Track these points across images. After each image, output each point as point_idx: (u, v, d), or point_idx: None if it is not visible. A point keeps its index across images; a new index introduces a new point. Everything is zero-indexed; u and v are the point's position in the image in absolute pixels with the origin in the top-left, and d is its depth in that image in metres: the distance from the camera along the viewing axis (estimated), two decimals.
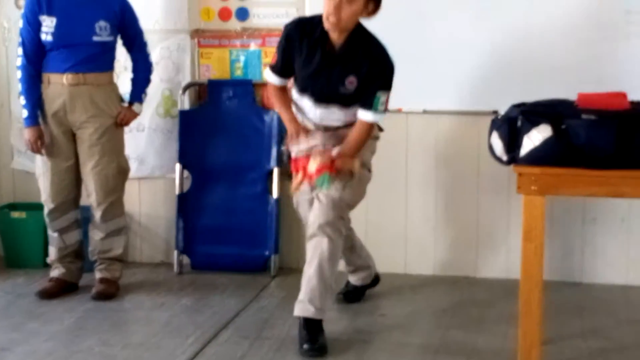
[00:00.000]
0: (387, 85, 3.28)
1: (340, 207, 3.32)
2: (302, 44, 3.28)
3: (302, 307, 3.32)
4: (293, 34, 3.31)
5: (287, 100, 3.47)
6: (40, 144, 3.82)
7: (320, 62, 3.25)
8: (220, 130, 4.37)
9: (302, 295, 3.33)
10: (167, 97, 4.44)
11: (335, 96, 3.30)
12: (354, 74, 3.24)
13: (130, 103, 4.00)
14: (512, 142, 3.06)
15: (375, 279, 3.93)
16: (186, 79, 4.40)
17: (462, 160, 4.16)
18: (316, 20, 3.25)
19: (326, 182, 3.19)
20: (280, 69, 3.40)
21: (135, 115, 4.00)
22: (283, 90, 3.47)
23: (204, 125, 4.36)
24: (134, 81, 4.03)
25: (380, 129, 3.53)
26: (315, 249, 3.32)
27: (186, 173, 4.38)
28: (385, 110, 3.31)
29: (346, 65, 3.24)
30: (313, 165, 3.21)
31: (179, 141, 4.37)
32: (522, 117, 3.02)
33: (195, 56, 4.40)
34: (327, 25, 3.18)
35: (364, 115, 3.28)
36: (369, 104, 3.25)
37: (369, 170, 3.49)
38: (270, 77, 3.44)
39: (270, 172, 4.31)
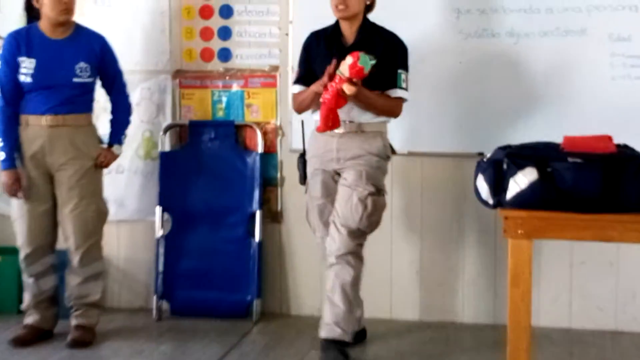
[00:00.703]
0: (404, 65, 3.55)
1: (358, 236, 3.50)
2: (319, 47, 3.57)
3: (329, 329, 3.45)
4: (309, 43, 3.64)
5: None
6: (17, 187, 3.75)
7: (338, 54, 3.37)
8: (202, 172, 4.31)
9: (327, 318, 3.47)
10: (148, 139, 4.38)
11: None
12: None
13: (110, 145, 3.94)
14: (498, 185, 3.03)
15: (362, 333, 3.84)
16: (167, 120, 4.36)
17: (448, 202, 4.12)
18: (326, 27, 3.60)
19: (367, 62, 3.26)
20: (304, 78, 3.61)
21: (115, 157, 3.95)
22: None
23: (185, 167, 4.31)
24: (114, 122, 3.98)
25: (393, 151, 3.65)
26: (337, 277, 3.48)
27: (166, 216, 4.31)
28: (407, 89, 3.54)
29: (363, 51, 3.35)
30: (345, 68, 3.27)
31: (159, 183, 4.30)
32: (507, 160, 2.99)
33: (177, 97, 4.36)
34: (337, 14, 3.50)
35: (391, 92, 3.52)
36: (392, 83, 3.51)
37: (384, 194, 3.57)
38: (296, 89, 3.66)
39: (253, 215, 4.24)
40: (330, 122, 3.36)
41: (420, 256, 4.18)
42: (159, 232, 4.29)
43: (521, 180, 2.93)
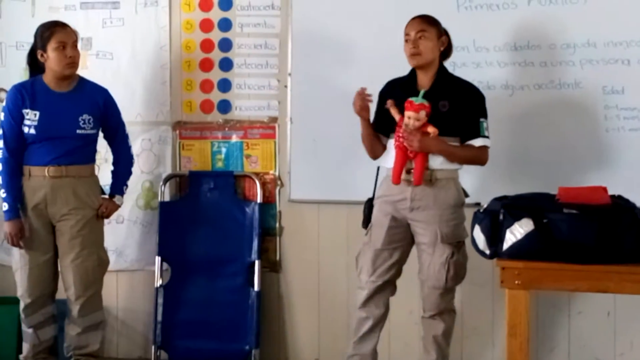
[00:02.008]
0: (484, 113, 3.54)
1: (448, 293, 3.59)
2: (393, 95, 3.55)
3: None
4: (385, 90, 3.65)
5: None
6: (20, 237, 3.77)
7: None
8: (201, 222, 4.33)
9: None
10: (148, 189, 4.41)
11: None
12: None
13: (112, 195, 3.97)
14: (495, 236, 3.05)
15: None
16: (167, 170, 4.40)
17: None
18: (403, 76, 3.62)
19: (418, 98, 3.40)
20: (376, 126, 3.63)
21: (116, 207, 3.98)
22: None
23: (185, 217, 4.33)
24: (115, 173, 4.02)
25: (466, 195, 3.64)
26: (430, 328, 3.63)
27: (165, 265, 4.32)
28: (489, 136, 3.55)
29: (435, 100, 3.45)
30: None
31: (158, 233, 4.32)
32: (504, 210, 3.02)
33: (177, 148, 4.41)
34: (411, 62, 3.53)
35: (475, 142, 3.51)
36: (475, 132, 3.50)
37: (464, 244, 3.57)
38: None
39: (251, 265, 4.25)
40: (399, 174, 3.47)
41: (419, 306, 4.17)
42: (158, 282, 4.29)
43: (517, 231, 2.96)
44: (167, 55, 4.38)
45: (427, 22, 3.54)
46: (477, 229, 3.12)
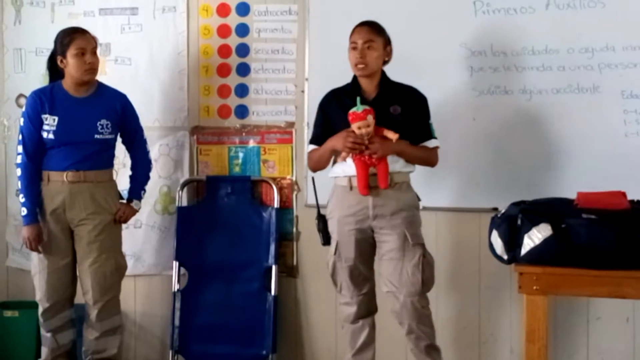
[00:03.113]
0: (430, 115, 3.62)
1: (422, 299, 3.55)
2: (339, 104, 3.58)
3: None
4: (327, 101, 3.68)
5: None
6: (38, 241, 3.79)
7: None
8: (218, 227, 4.34)
9: None
10: (165, 194, 4.43)
11: None
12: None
13: (129, 200, 3.99)
14: (513, 241, 3.04)
15: None
16: (185, 175, 4.41)
17: (463, 258, 4.11)
18: (345, 85, 3.65)
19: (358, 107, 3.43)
20: (319, 137, 3.65)
21: (134, 212, 3.99)
22: None
23: (202, 221, 4.34)
24: (133, 178, 4.03)
25: (419, 198, 3.67)
26: (417, 342, 3.58)
27: (183, 270, 4.33)
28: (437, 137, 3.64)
29: (384, 106, 3.51)
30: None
31: (176, 238, 4.33)
32: (521, 216, 3.01)
33: (194, 153, 4.42)
34: (357, 72, 3.56)
35: (428, 143, 3.59)
36: (427, 134, 3.59)
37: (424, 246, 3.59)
38: (311, 148, 3.71)
39: (269, 270, 4.26)
40: (367, 184, 3.46)
41: (435, 312, 4.16)
42: (176, 287, 4.30)
43: (535, 236, 2.95)
44: (185, 61, 4.40)
45: (375, 32, 3.56)
46: (494, 234, 3.11)
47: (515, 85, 3.96)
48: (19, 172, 3.80)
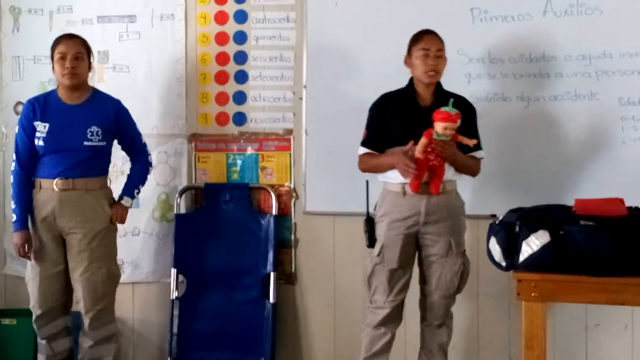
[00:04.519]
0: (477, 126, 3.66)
1: (453, 300, 3.68)
2: (395, 109, 3.59)
3: None
4: (381, 105, 3.65)
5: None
6: (27, 248, 3.77)
7: (417, 115, 3.52)
8: (217, 234, 4.33)
9: None
10: (164, 201, 4.43)
11: None
12: None
13: (120, 198, 3.94)
14: (511, 248, 3.05)
15: None
16: (183, 182, 4.41)
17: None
18: (399, 89, 3.64)
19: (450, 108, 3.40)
20: (374, 140, 3.63)
21: (126, 209, 3.93)
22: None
23: (200, 229, 4.34)
24: (129, 177, 4.01)
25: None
26: (434, 339, 3.69)
27: (181, 277, 4.33)
28: None
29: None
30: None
31: (174, 245, 4.33)
32: (519, 222, 3.02)
33: (192, 160, 4.42)
34: (427, 79, 3.53)
35: (476, 154, 3.62)
36: (478, 145, 3.56)
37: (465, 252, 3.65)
38: (363, 150, 3.67)
39: (267, 277, 4.25)
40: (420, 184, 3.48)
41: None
42: (174, 294, 4.30)
43: (533, 243, 2.95)
44: (183, 68, 4.40)
45: (442, 40, 3.59)
46: (492, 240, 3.12)
47: (512, 93, 3.97)
48: (12, 179, 3.82)
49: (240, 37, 4.37)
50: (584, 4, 3.89)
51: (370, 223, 3.68)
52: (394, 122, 3.59)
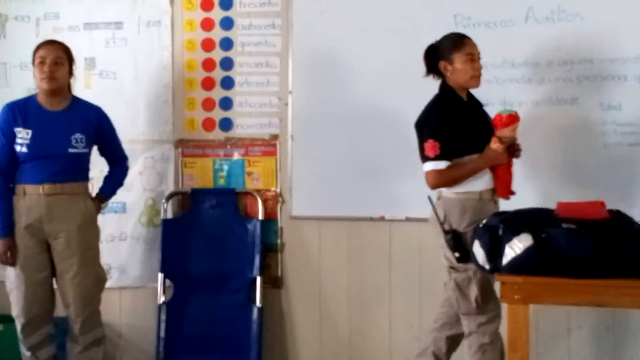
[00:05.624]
0: None
1: (466, 318, 3.51)
2: (459, 115, 3.45)
3: None
4: (453, 113, 3.45)
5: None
6: (10, 255, 3.75)
7: (481, 117, 3.53)
8: (203, 239, 4.36)
9: None
10: (150, 206, 4.45)
11: None
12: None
13: (100, 200, 3.95)
14: (494, 251, 3.07)
15: None
16: (169, 188, 4.43)
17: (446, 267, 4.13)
18: (450, 93, 3.52)
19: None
20: (448, 151, 3.40)
21: (99, 211, 3.94)
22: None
23: (187, 234, 4.36)
24: (109, 180, 4.01)
25: None
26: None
27: (168, 282, 4.34)
28: None
29: (481, 113, 3.56)
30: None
31: (161, 250, 4.35)
32: (503, 226, 3.04)
33: (179, 165, 4.44)
34: (474, 84, 3.51)
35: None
36: None
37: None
38: (441, 165, 3.41)
39: (253, 281, 4.28)
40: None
41: (419, 321, 4.19)
42: (161, 299, 4.32)
43: (516, 246, 2.97)
44: (170, 75, 4.42)
45: None
46: (476, 244, 3.14)
47: (495, 98, 4.00)
48: None
49: (227, 44, 4.40)
50: (565, 10, 3.95)
51: (457, 238, 3.41)
52: (465, 128, 3.44)
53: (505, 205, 3.46)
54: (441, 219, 3.46)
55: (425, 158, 3.45)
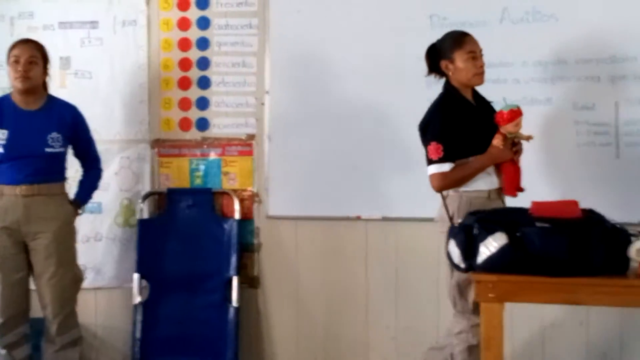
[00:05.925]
0: None
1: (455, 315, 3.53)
2: (462, 115, 3.40)
3: None
4: (456, 111, 3.41)
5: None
6: None
7: (482, 116, 3.45)
8: (180, 239, 4.35)
9: None
10: (126, 207, 4.43)
11: None
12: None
13: (77, 204, 3.94)
14: (469, 250, 3.08)
15: None
16: (145, 188, 4.41)
17: (422, 267, 4.15)
18: (452, 94, 3.46)
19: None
20: (451, 153, 3.37)
21: (77, 215, 3.93)
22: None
23: (163, 234, 4.35)
24: (84, 183, 3.99)
25: None
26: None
27: (144, 282, 4.33)
28: None
29: (487, 112, 3.49)
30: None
31: (137, 250, 4.33)
32: (478, 225, 3.05)
33: (155, 165, 4.43)
34: (478, 81, 3.44)
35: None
36: None
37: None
38: (445, 167, 3.39)
39: (230, 281, 4.27)
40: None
41: (396, 320, 4.21)
42: (137, 299, 4.30)
43: (491, 245, 2.98)
44: (146, 74, 4.41)
45: None
46: (452, 242, 3.16)
47: None
48: None
49: (203, 43, 4.39)
50: (539, 11, 3.98)
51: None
52: (469, 129, 3.41)
53: (511, 202, 3.44)
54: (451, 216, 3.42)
55: (429, 161, 3.42)
